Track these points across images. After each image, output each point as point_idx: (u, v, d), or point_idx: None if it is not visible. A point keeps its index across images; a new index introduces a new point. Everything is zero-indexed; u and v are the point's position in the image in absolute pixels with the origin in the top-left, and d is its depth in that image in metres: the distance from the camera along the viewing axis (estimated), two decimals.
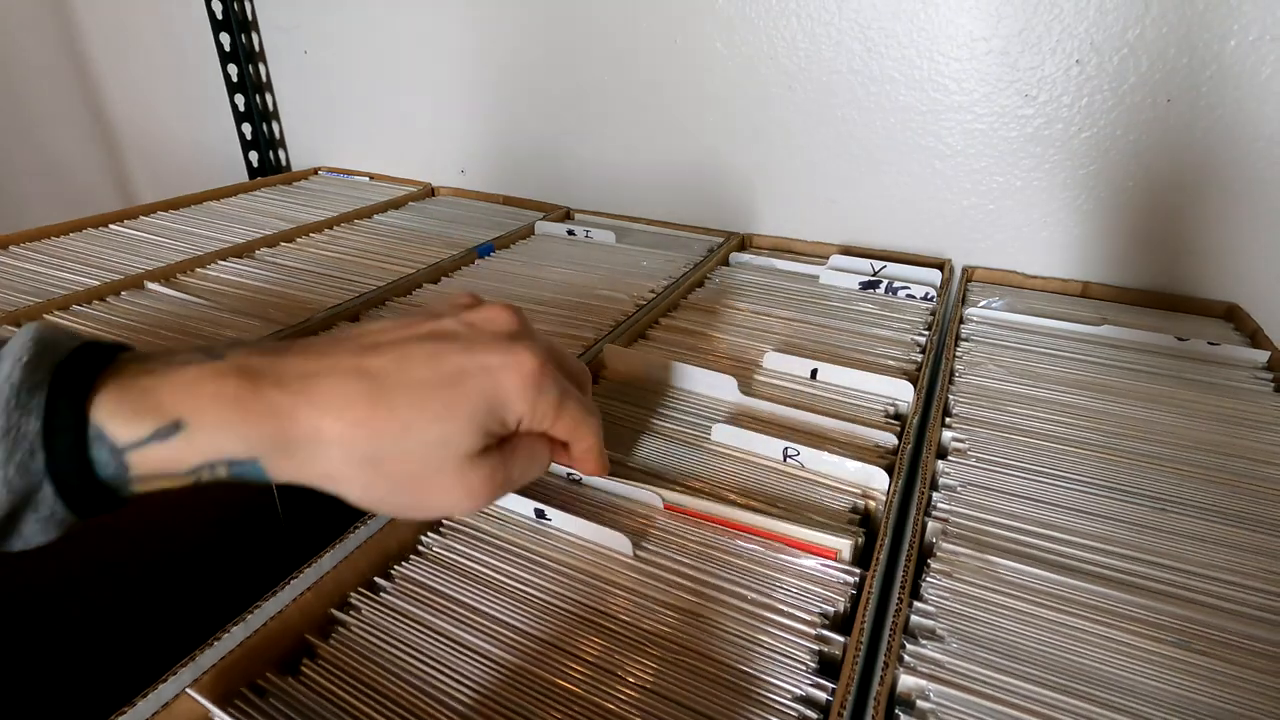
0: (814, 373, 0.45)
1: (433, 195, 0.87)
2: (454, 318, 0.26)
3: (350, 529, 0.31)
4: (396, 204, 0.81)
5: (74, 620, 0.43)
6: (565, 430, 0.27)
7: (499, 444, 0.26)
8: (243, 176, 0.96)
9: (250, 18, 0.89)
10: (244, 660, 0.26)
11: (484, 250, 0.67)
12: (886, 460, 0.38)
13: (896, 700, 0.26)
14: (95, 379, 0.21)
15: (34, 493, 0.21)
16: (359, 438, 0.23)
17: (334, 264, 0.64)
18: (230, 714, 0.25)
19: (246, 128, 0.93)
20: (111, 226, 0.71)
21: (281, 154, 0.97)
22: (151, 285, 0.57)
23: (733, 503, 0.34)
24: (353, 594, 0.30)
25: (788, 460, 0.37)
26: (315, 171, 0.93)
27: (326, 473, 0.23)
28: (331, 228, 0.73)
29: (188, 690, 0.24)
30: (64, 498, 0.21)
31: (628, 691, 0.26)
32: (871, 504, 0.35)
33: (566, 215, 0.79)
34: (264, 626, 0.27)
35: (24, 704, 0.41)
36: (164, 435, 0.21)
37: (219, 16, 0.87)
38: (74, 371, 0.21)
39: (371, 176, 0.91)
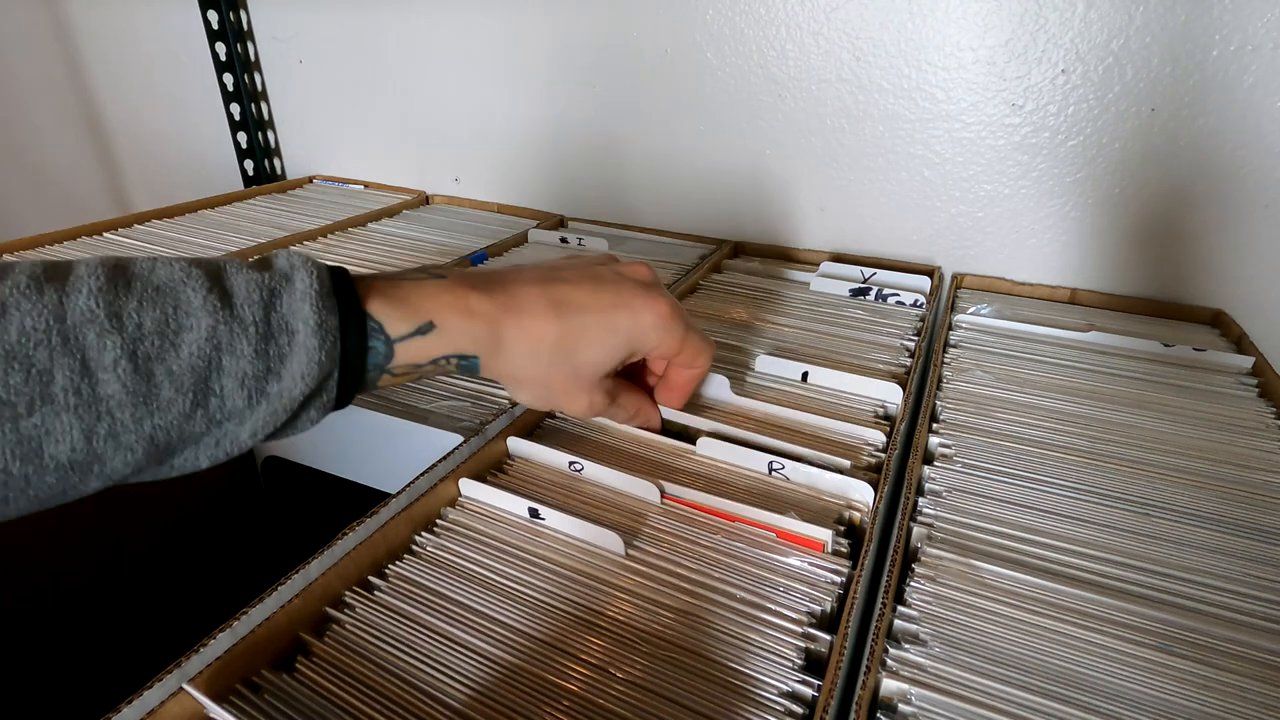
0: (805, 375, 0.45)
1: (427, 203, 0.87)
2: (607, 267, 0.34)
3: (339, 534, 0.32)
4: (391, 212, 0.81)
5: (70, 621, 0.43)
6: (688, 357, 0.35)
7: (616, 382, 0.35)
8: (238, 185, 0.97)
9: (246, 27, 0.90)
10: (239, 657, 0.27)
11: (477, 259, 0.67)
12: (876, 459, 0.38)
13: (879, 704, 0.26)
14: (356, 290, 0.27)
15: (329, 377, 0.26)
16: (542, 349, 0.31)
17: None
18: (225, 709, 0.25)
19: (242, 136, 0.93)
20: (106, 234, 0.71)
21: (277, 162, 0.98)
22: None
23: (726, 496, 0.35)
24: (347, 593, 0.31)
25: (773, 473, 0.37)
26: (310, 180, 0.93)
27: (512, 372, 0.31)
28: (326, 236, 0.73)
29: (185, 686, 0.25)
30: (341, 382, 0.26)
31: (620, 688, 0.27)
32: (856, 515, 0.35)
33: (560, 223, 0.80)
34: (253, 632, 0.27)
35: (21, 703, 0.41)
36: (423, 332, 0.28)
37: (215, 26, 0.87)
38: (340, 284, 0.27)
39: (366, 185, 0.91)
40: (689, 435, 0.40)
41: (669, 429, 0.41)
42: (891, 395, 0.43)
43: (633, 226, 0.76)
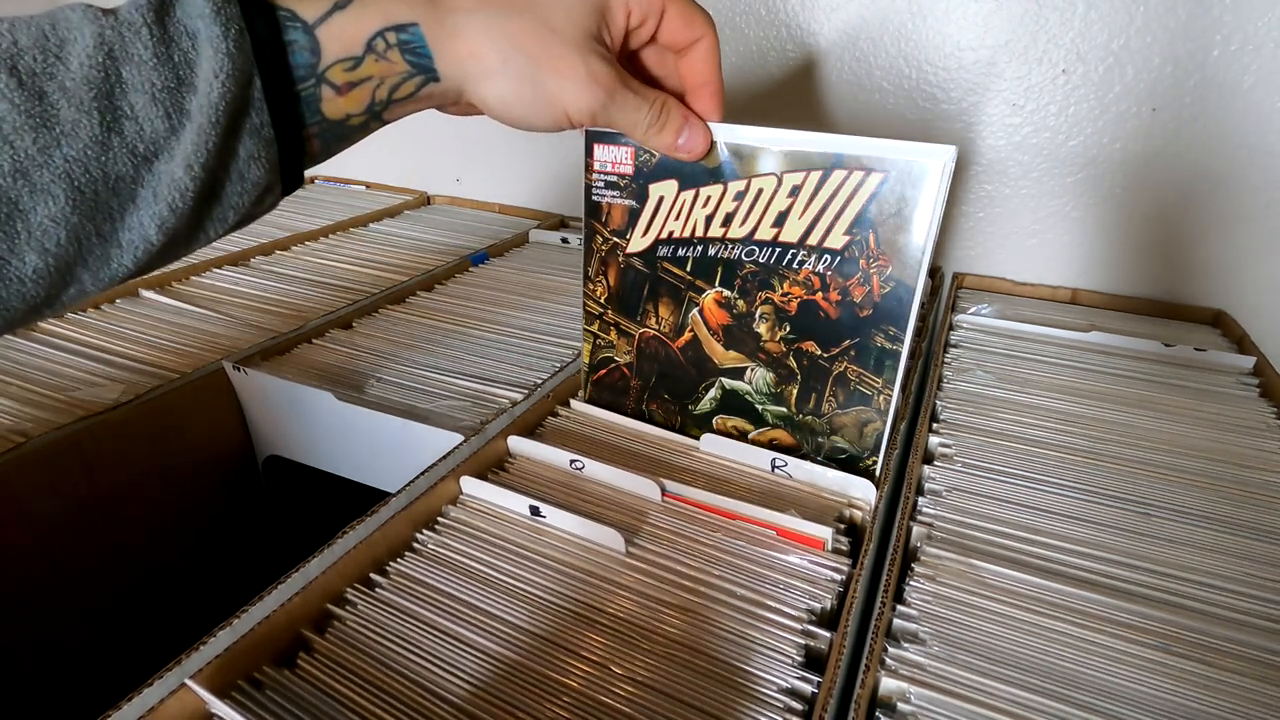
0: None
1: (428, 204, 0.88)
2: None
3: (340, 533, 0.32)
4: (392, 213, 0.82)
5: (72, 619, 0.43)
6: (680, 19, 0.29)
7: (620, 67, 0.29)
8: None
9: None
10: (241, 654, 0.27)
11: (478, 259, 0.67)
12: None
13: (878, 702, 0.26)
14: None
15: (250, 83, 0.23)
16: (493, 4, 0.26)
17: (329, 272, 0.64)
18: (227, 705, 0.25)
19: None
20: None
21: None
22: (147, 293, 0.58)
23: (728, 494, 0.35)
24: (349, 590, 0.31)
25: (775, 471, 0.37)
26: (312, 180, 0.93)
27: (470, 50, 0.26)
28: (327, 236, 0.73)
29: (187, 682, 0.25)
30: (271, 99, 0.23)
31: (620, 684, 0.27)
32: (857, 514, 0.35)
33: (561, 223, 0.80)
34: (254, 628, 0.27)
35: (23, 702, 0.42)
36: (341, 6, 0.24)
37: None
38: None
39: (368, 185, 0.91)
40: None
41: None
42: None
43: None
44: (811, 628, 0.29)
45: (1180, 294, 0.58)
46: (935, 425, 0.42)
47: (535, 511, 0.34)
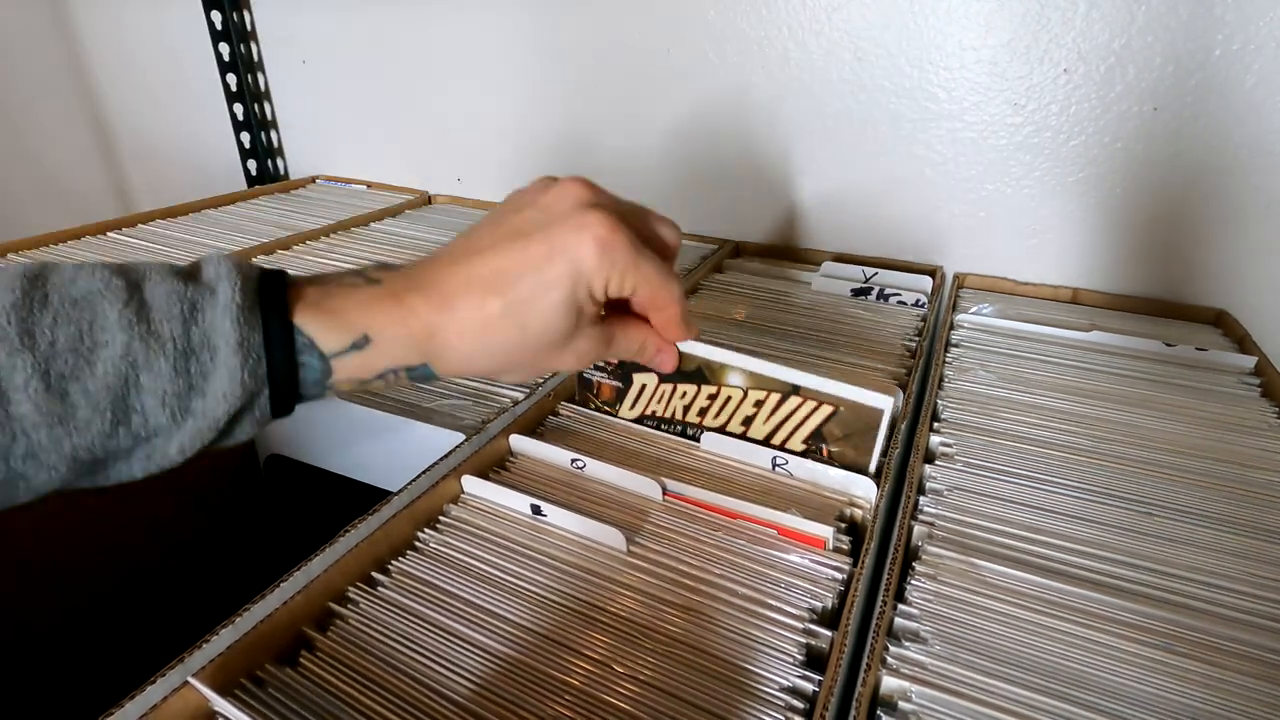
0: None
1: (429, 203, 0.88)
2: (532, 207, 0.30)
3: (341, 531, 0.32)
4: (393, 212, 0.82)
5: (75, 618, 0.43)
6: (645, 296, 0.30)
7: (602, 319, 0.31)
8: (241, 185, 0.97)
9: (249, 28, 0.90)
10: (243, 652, 0.27)
11: None
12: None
13: (879, 701, 0.26)
14: (287, 300, 0.26)
15: (257, 396, 0.25)
16: (492, 338, 0.28)
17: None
18: (230, 703, 0.25)
19: (245, 136, 0.94)
20: (110, 234, 0.72)
21: (280, 162, 0.98)
22: None
23: (729, 493, 0.35)
24: (350, 588, 0.31)
25: (776, 469, 0.37)
26: (313, 180, 0.93)
27: (476, 367, 0.29)
28: (329, 235, 0.73)
29: (190, 680, 0.25)
30: (273, 399, 0.25)
31: (622, 683, 0.27)
32: (858, 513, 0.35)
33: None
34: (256, 627, 0.27)
35: (26, 700, 0.42)
36: (359, 347, 0.26)
37: (218, 27, 0.87)
38: (270, 295, 0.25)
39: (369, 185, 0.91)
40: (709, 376, 0.37)
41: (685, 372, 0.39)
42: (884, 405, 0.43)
43: None
44: (813, 626, 0.29)
45: (1182, 294, 0.58)
46: (936, 425, 0.42)
47: (537, 510, 0.34)
